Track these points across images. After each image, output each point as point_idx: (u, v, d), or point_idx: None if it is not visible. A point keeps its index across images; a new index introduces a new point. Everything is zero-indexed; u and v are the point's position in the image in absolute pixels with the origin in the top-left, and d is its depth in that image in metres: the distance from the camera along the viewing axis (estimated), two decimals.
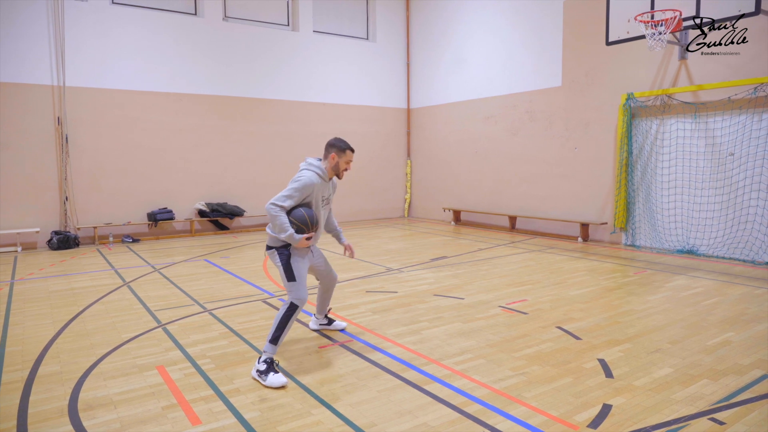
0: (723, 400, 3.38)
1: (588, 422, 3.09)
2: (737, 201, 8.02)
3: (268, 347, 3.77)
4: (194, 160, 11.46)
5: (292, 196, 3.88)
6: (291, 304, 3.86)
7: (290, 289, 3.94)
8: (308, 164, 4.10)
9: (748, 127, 7.83)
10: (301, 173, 4.03)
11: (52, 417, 3.21)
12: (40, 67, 9.72)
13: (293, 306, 3.85)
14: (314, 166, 4.08)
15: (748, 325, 4.90)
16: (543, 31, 10.82)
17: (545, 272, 7.30)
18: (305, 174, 4.00)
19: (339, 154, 4.09)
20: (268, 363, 3.72)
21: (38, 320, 5.24)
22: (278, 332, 3.78)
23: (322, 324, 4.83)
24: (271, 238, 4.06)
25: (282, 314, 3.82)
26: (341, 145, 4.10)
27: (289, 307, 3.85)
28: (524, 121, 11.44)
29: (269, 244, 4.08)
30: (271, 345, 3.77)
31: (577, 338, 4.57)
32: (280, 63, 12.49)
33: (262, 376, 3.67)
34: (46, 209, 9.95)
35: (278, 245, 4.01)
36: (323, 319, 4.84)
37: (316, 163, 4.10)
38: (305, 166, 4.09)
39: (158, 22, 10.88)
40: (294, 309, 3.85)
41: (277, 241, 4.02)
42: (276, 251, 4.02)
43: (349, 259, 8.34)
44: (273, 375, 3.64)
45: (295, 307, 3.85)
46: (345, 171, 4.16)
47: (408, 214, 15.01)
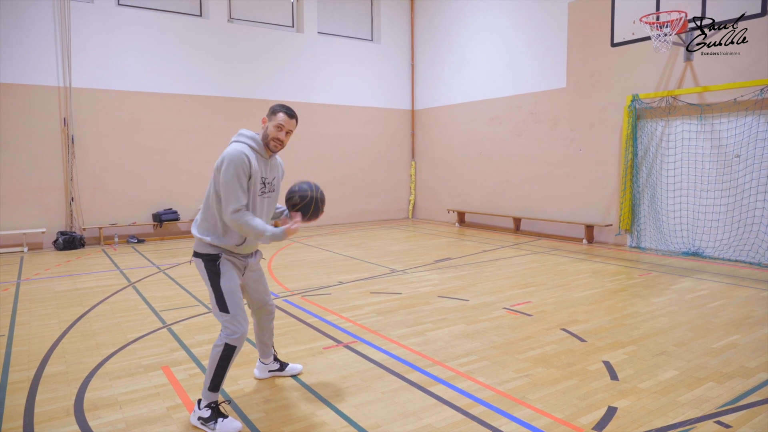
0: (729, 403, 3.36)
1: (593, 425, 3.08)
2: (743, 203, 7.98)
3: (207, 395, 3.09)
4: (199, 160, 11.49)
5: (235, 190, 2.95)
6: (226, 345, 3.03)
7: (224, 322, 3.07)
8: (238, 135, 3.14)
9: (754, 128, 7.80)
10: (223, 154, 3.04)
11: (58, 417, 3.23)
12: (46, 68, 9.78)
13: (229, 348, 3.04)
14: (244, 135, 3.13)
15: (754, 328, 4.87)
16: (547, 32, 10.81)
17: (549, 274, 7.28)
18: (229, 149, 3.02)
19: (270, 117, 3.16)
20: (213, 408, 3.07)
21: (44, 320, 5.27)
22: (218, 378, 3.06)
23: (271, 370, 3.76)
24: (197, 242, 3.17)
25: (217, 360, 3.04)
26: (274, 107, 3.18)
27: (224, 350, 3.03)
28: (529, 123, 11.43)
29: (195, 250, 3.18)
30: (211, 393, 3.09)
31: (581, 340, 4.56)
32: (284, 64, 12.52)
33: (208, 425, 3.01)
34: (52, 210, 10.00)
35: (204, 252, 3.14)
36: (272, 362, 3.76)
37: (247, 132, 3.16)
38: (234, 138, 3.14)
39: (164, 23, 10.93)
40: (231, 350, 3.05)
41: (203, 246, 3.14)
42: (202, 261, 3.13)
43: (353, 260, 8.35)
44: (222, 421, 3.02)
45: (231, 348, 3.04)
46: (276, 142, 3.14)
47: (412, 215, 15.01)
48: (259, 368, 3.76)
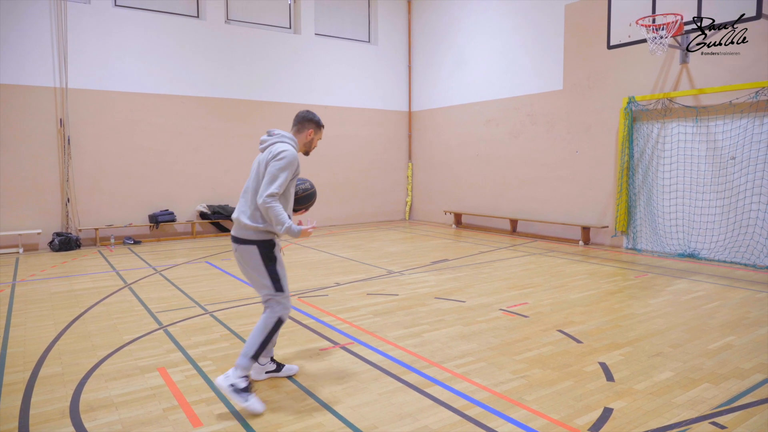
0: (724, 404, 3.37)
1: (589, 426, 3.09)
2: (738, 205, 8.02)
3: (246, 362, 3.31)
4: (196, 162, 11.48)
5: (280, 180, 3.31)
6: (279, 319, 3.44)
7: (279, 299, 3.46)
8: (281, 136, 3.51)
9: (749, 131, 7.84)
10: (278, 147, 3.40)
11: (54, 418, 3.22)
12: (42, 69, 9.75)
13: (281, 321, 3.46)
14: (289, 138, 3.54)
15: (750, 329, 4.89)
16: (544, 34, 10.85)
17: (546, 275, 7.30)
18: (287, 148, 3.40)
19: (316, 130, 3.66)
20: (248, 383, 3.29)
21: (40, 321, 5.25)
22: (261, 348, 3.36)
23: (268, 371, 3.78)
24: (249, 229, 3.40)
25: (269, 329, 3.40)
26: (318, 120, 3.68)
27: (277, 322, 3.44)
28: (525, 125, 11.45)
29: (245, 237, 3.42)
30: (251, 361, 3.33)
31: (578, 341, 4.57)
32: (281, 66, 12.52)
33: (242, 395, 3.22)
34: (48, 211, 9.97)
35: (260, 238, 3.41)
36: (269, 363, 3.78)
37: (289, 135, 3.57)
38: (278, 139, 3.49)
39: (160, 24, 10.92)
40: (281, 324, 3.47)
41: (258, 233, 3.40)
42: (257, 247, 3.41)
43: (350, 261, 8.35)
44: (252, 398, 3.24)
45: (282, 322, 3.47)
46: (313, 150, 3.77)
47: (409, 216, 15.02)
48: (255, 369, 3.73)
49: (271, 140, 3.51)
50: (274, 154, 3.36)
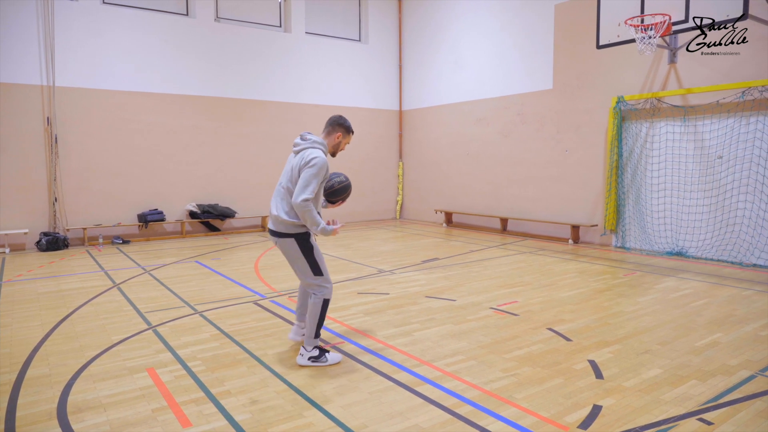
0: (711, 400, 3.41)
1: (578, 423, 3.11)
2: (725, 203, 8.11)
3: (311, 342, 3.94)
4: (185, 161, 11.41)
5: (312, 186, 3.67)
6: (325, 300, 3.92)
7: (320, 283, 3.93)
8: (313, 142, 3.86)
9: (736, 130, 7.92)
10: (310, 153, 3.74)
11: (41, 420, 3.19)
12: (29, 66, 9.64)
13: (327, 302, 3.94)
14: (319, 143, 3.88)
15: (736, 326, 4.95)
16: (534, 34, 10.89)
17: (536, 274, 7.33)
18: (318, 154, 3.74)
19: (344, 134, 4.02)
20: (319, 348, 3.97)
21: (26, 322, 5.19)
22: (318, 328, 3.95)
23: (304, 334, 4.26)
24: (287, 224, 3.80)
25: (319, 312, 3.91)
26: (348, 125, 4.03)
27: (323, 304, 3.92)
28: (516, 124, 11.50)
29: (284, 231, 3.83)
30: (315, 339, 3.97)
31: (567, 339, 4.59)
32: (272, 64, 12.47)
33: (320, 359, 3.92)
34: (35, 210, 9.86)
35: (295, 232, 3.82)
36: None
37: (320, 140, 3.91)
38: (310, 145, 3.84)
39: (149, 22, 10.83)
40: (327, 304, 3.94)
41: (295, 227, 3.81)
42: (295, 240, 3.83)
43: (341, 261, 8.34)
44: (330, 354, 3.97)
45: (328, 302, 3.94)
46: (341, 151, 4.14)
47: (400, 216, 15.03)
48: (294, 331, 4.41)
49: (304, 145, 3.88)
50: (306, 161, 3.73)
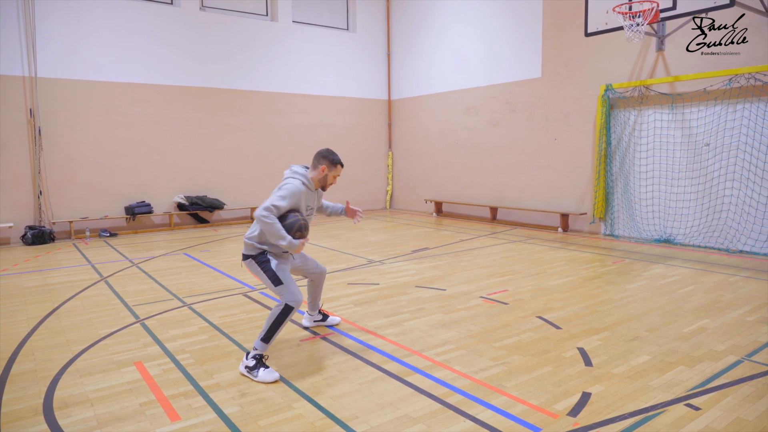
0: (699, 386, 3.44)
1: (567, 410, 3.12)
2: (712, 191, 8.17)
3: (258, 345, 3.68)
4: (172, 152, 11.28)
5: (279, 205, 3.73)
6: (286, 305, 3.72)
7: (281, 292, 3.79)
8: (293, 172, 3.98)
9: (723, 117, 7.96)
10: (286, 181, 3.91)
11: (27, 416, 3.14)
12: (9, 57, 9.43)
13: (288, 308, 3.72)
14: (299, 174, 3.97)
15: (723, 312, 5.00)
16: (523, 22, 10.85)
17: (526, 262, 7.36)
18: (291, 182, 3.88)
19: (330, 167, 4.00)
20: (257, 359, 3.65)
21: (12, 317, 5.12)
22: (271, 333, 3.69)
23: (316, 320, 4.70)
24: (247, 246, 3.91)
25: (276, 315, 3.70)
26: (333, 158, 4.01)
27: (284, 309, 3.71)
28: (504, 112, 11.48)
29: (245, 253, 3.94)
30: (263, 343, 3.68)
31: (557, 327, 4.62)
32: (258, 54, 12.32)
33: (252, 372, 3.61)
34: (20, 204, 9.70)
35: (254, 253, 3.89)
36: (317, 314, 4.71)
37: (301, 171, 4.00)
38: (290, 174, 3.97)
39: (133, 11, 10.64)
40: (289, 310, 3.72)
41: (252, 249, 3.89)
42: (253, 260, 3.89)
43: (331, 251, 8.31)
44: (264, 370, 3.59)
45: (290, 308, 3.72)
46: (331, 185, 4.09)
47: (389, 205, 15.00)
48: (306, 318, 4.72)
49: (286, 175, 3.98)
50: (279, 186, 3.86)
